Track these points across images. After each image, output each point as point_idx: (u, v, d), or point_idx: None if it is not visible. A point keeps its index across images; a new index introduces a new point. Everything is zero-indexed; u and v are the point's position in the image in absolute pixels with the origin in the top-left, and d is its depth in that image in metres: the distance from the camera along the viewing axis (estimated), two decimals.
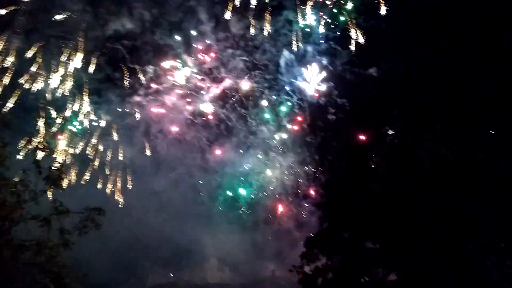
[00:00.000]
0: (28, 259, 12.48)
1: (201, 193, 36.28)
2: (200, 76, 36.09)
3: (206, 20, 34.70)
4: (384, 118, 27.92)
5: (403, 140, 25.60)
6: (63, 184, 13.75)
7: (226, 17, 33.64)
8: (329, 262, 21.72)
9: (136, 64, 35.27)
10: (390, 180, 23.47)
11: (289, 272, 23.09)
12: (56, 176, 13.44)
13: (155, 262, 34.37)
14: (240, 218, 34.95)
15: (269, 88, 36.03)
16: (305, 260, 22.17)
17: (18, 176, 13.21)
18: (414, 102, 26.38)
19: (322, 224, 25.86)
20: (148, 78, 35.58)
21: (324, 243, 22.50)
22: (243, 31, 35.09)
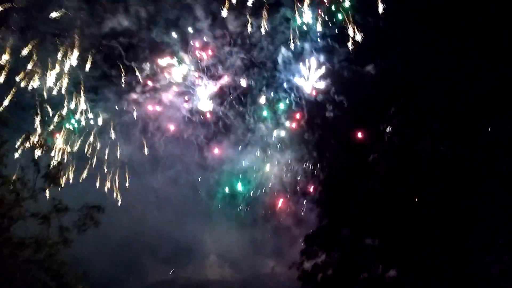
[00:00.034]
0: (27, 256, 12.42)
1: (199, 191, 36.16)
2: (197, 74, 36.00)
3: (203, 18, 34.57)
4: (382, 116, 28.00)
5: (401, 138, 25.69)
6: (62, 182, 13.68)
7: (223, 15, 33.53)
8: (329, 259, 21.78)
9: (133, 61, 35.10)
10: (388, 178, 23.54)
11: (289, 269, 23.18)
12: (55, 173, 13.38)
13: (154, 259, 34.33)
14: (239, 215, 34.96)
15: (266, 85, 35.94)
16: (304, 257, 22.24)
17: (16, 174, 13.14)
18: (412, 99, 26.46)
19: (321, 221, 25.96)
20: (145, 76, 35.39)
21: (323, 240, 22.56)
22: (240, 28, 35.00)
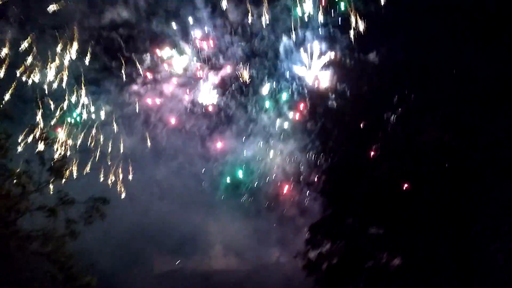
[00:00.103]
0: (35, 249, 12.51)
1: (203, 182, 36.24)
2: (199, 64, 35.75)
3: (203, 7, 34.23)
4: (386, 105, 27.85)
5: (405, 127, 25.58)
6: (66, 175, 13.70)
7: (223, 5, 33.15)
8: (333, 248, 21.87)
9: (133, 53, 34.87)
10: (392, 167, 23.48)
11: (294, 258, 23.32)
12: (60, 167, 13.41)
13: (160, 250, 34.55)
14: (243, 206, 35.07)
15: (268, 75, 35.70)
16: (309, 246, 22.34)
17: (22, 168, 13.15)
18: (416, 88, 26.27)
19: (325, 210, 26.03)
20: (146, 67, 35.23)
21: (328, 229, 22.63)
22: (241, 17, 34.63)
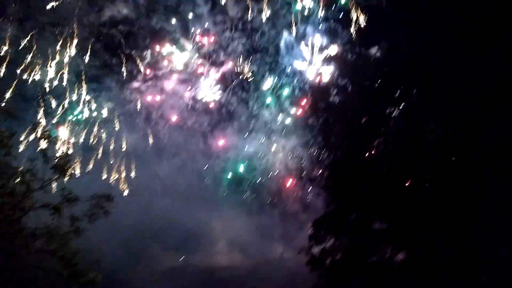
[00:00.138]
0: (40, 247, 12.53)
1: (206, 178, 36.23)
2: (199, 60, 35.64)
3: (203, 3, 34.07)
4: (388, 99, 27.75)
5: (407, 121, 25.50)
6: (70, 172, 13.72)
7: (222, 0, 33.02)
8: (337, 243, 21.91)
9: (133, 50, 34.79)
10: (394, 161, 23.47)
11: (298, 254, 23.39)
12: (63, 164, 13.42)
13: (164, 246, 34.64)
14: (246, 202, 35.09)
15: (269, 70, 35.58)
16: (313, 241, 22.41)
17: (25, 166, 13.16)
18: (418, 82, 26.15)
19: (328, 206, 26.06)
20: (146, 64, 35.16)
21: (331, 224, 22.67)
22: (242, 13, 34.48)
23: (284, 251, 32.78)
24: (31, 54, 31.52)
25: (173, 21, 34.40)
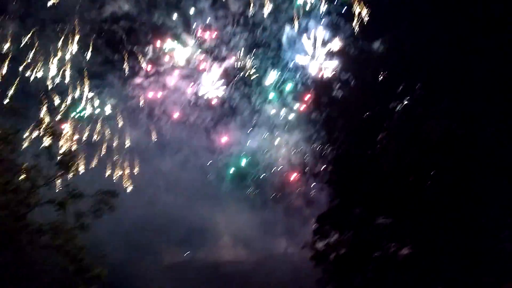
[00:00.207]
0: (46, 242, 12.59)
1: (209, 173, 36.29)
2: (201, 56, 35.52)
3: None
4: (391, 94, 27.59)
5: (411, 116, 25.36)
6: (75, 169, 13.77)
7: None
8: (341, 238, 21.91)
9: (135, 45, 34.71)
10: (398, 156, 23.37)
11: (302, 249, 23.42)
12: (68, 161, 13.45)
13: (169, 242, 34.77)
14: (250, 197, 35.14)
15: (272, 65, 35.41)
16: (317, 236, 22.41)
17: (30, 162, 13.19)
18: (421, 76, 25.96)
19: (332, 201, 26.03)
20: (148, 60, 35.09)
21: (335, 219, 22.66)
22: (243, 8, 34.27)
23: (288, 246, 32.92)
24: (33, 51, 31.51)
25: (175, 16, 34.30)
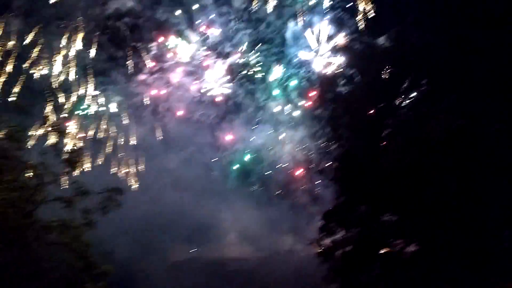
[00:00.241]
0: (53, 239, 12.63)
1: (215, 170, 36.34)
2: (205, 52, 35.41)
3: None
4: (396, 90, 27.37)
5: (416, 112, 25.14)
6: (82, 166, 13.82)
7: None
8: (348, 235, 21.84)
9: (139, 42, 34.67)
10: (404, 152, 23.21)
11: (308, 245, 23.37)
12: (75, 158, 13.49)
13: (175, 239, 34.88)
14: (256, 194, 35.14)
15: (276, 61, 35.25)
16: (323, 233, 22.33)
17: (37, 160, 13.23)
18: (427, 72, 25.71)
19: (338, 198, 25.90)
20: (152, 57, 35.06)
21: (341, 216, 22.57)
22: (247, 3, 34.11)
23: (294, 243, 32.93)
24: (37, 49, 31.54)
25: (178, 12, 34.21)
